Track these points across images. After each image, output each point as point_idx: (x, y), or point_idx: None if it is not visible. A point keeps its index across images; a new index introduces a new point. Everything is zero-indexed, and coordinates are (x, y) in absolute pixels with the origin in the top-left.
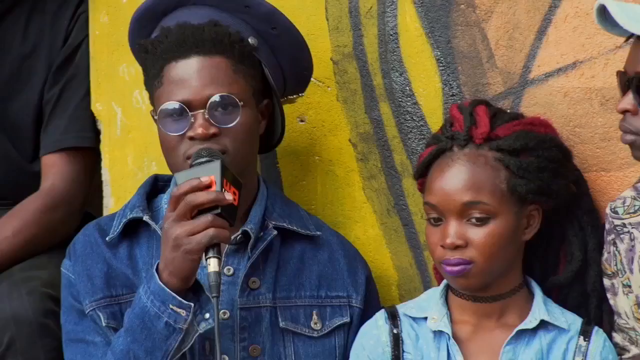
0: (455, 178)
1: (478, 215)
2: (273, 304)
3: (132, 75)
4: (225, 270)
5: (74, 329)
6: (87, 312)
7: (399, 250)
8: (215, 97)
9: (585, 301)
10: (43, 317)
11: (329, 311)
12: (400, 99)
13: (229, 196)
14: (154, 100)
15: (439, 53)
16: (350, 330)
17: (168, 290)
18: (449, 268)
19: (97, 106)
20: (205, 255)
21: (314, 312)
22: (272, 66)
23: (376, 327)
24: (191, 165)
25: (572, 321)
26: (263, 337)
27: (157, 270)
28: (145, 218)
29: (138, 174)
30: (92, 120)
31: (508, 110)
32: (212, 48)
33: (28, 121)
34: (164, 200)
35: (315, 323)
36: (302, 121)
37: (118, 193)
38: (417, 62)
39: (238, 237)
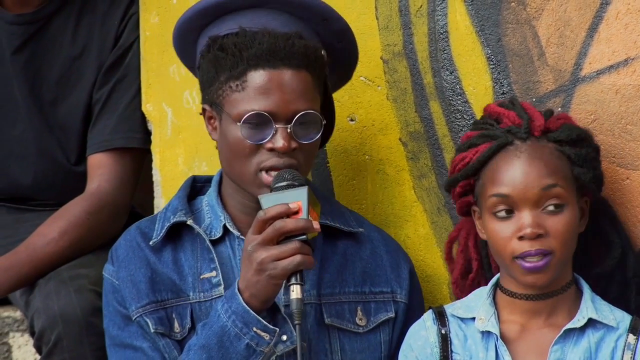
0: (529, 166)
1: (555, 203)
2: (318, 301)
3: (182, 76)
4: None
5: (119, 334)
6: (133, 318)
7: None
8: (302, 113)
9: (626, 290)
10: (90, 315)
11: (374, 307)
12: (450, 98)
13: (316, 225)
14: (225, 102)
15: (489, 51)
16: (395, 325)
17: (253, 313)
18: (529, 264)
19: (148, 107)
20: (287, 282)
21: (359, 308)
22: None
23: (424, 328)
24: (272, 188)
25: (620, 319)
26: (308, 334)
27: (237, 289)
28: (189, 222)
29: (189, 174)
30: (142, 120)
31: (559, 109)
32: (301, 62)
33: (76, 122)
34: (204, 202)
35: (360, 319)
36: (352, 120)
37: (169, 193)
38: (468, 61)
39: None
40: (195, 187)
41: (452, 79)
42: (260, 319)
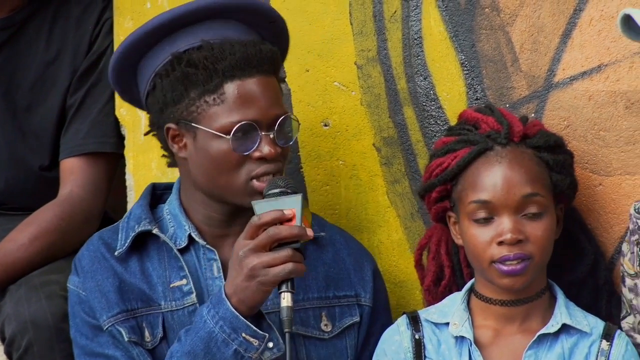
0: (511, 173)
1: (534, 210)
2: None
3: None
4: None
5: (88, 344)
6: (105, 328)
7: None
8: (282, 117)
9: (598, 297)
10: (61, 321)
11: (338, 311)
12: (424, 103)
13: (310, 232)
14: (201, 117)
15: (463, 57)
16: (360, 329)
17: (242, 318)
18: (507, 268)
19: (122, 111)
20: (278, 290)
21: (323, 313)
22: None
23: (398, 333)
24: (265, 194)
25: (594, 324)
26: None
27: (225, 294)
28: (155, 231)
29: (162, 179)
30: (115, 125)
31: (532, 115)
32: (269, 67)
33: (50, 128)
34: (165, 210)
35: (325, 324)
36: (326, 125)
37: None
38: (441, 66)
39: None
40: (155, 194)
41: (425, 84)
42: (250, 324)
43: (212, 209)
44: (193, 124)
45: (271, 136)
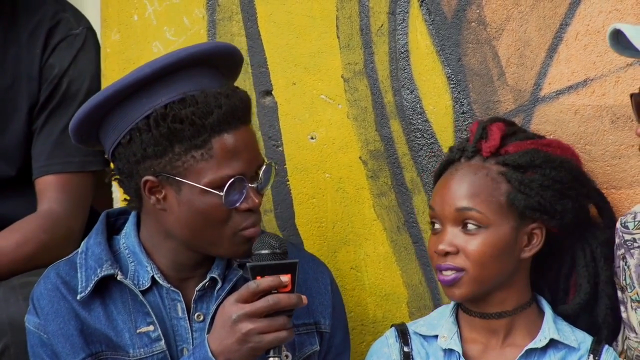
0: (453, 185)
1: (471, 224)
2: None
3: None
4: (195, 317)
5: None
6: None
7: (409, 268)
8: (264, 167)
9: (596, 332)
10: None
11: (297, 340)
12: (410, 117)
13: (305, 300)
14: (188, 172)
15: (449, 71)
16: (319, 355)
17: None
18: (442, 277)
19: None
20: (266, 354)
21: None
22: None
23: (387, 345)
24: (255, 252)
25: (582, 340)
26: None
27: (212, 354)
28: (120, 277)
29: None
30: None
31: (530, 131)
32: (249, 116)
33: (17, 148)
34: (121, 244)
35: (286, 355)
36: (312, 139)
37: None
38: (428, 80)
39: (206, 284)
40: (109, 222)
41: (412, 98)
42: None
43: (183, 256)
44: (177, 178)
45: (255, 186)
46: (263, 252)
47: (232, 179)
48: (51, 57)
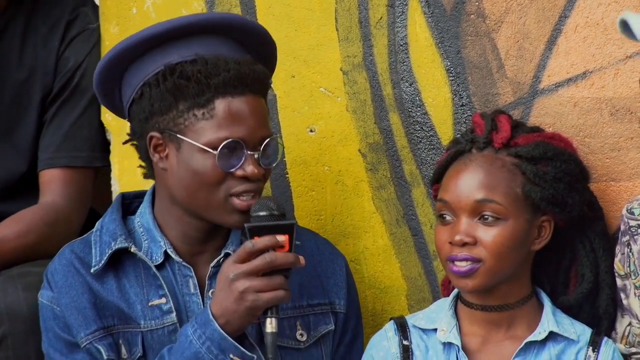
0: (470, 177)
1: (489, 215)
2: (257, 320)
3: None
4: (210, 293)
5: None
6: (82, 345)
7: (408, 261)
8: (268, 139)
9: (596, 323)
10: (37, 313)
11: (312, 320)
12: (409, 109)
13: (302, 260)
14: (188, 130)
15: (448, 63)
16: (334, 336)
17: (230, 339)
18: (455, 268)
19: (107, 117)
20: (264, 314)
21: (298, 322)
22: None
23: (386, 339)
24: (253, 215)
25: (581, 332)
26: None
27: (212, 315)
28: (133, 249)
29: (147, 184)
30: (90, 139)
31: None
32: (260, 88)
33: (29, 142)
34: (136, 222)
35: (301, 334)
36: (311, 131)
37: None
38: (427, 73)
39: (221, 260)
40: (124, 204)
41: (411, 90)
42: (238, 345)
43: (189, 226)
44: (179, 136)
45: (256, 156)
46: (261, 214)
47: (227, 141)
48: (67, 50)
